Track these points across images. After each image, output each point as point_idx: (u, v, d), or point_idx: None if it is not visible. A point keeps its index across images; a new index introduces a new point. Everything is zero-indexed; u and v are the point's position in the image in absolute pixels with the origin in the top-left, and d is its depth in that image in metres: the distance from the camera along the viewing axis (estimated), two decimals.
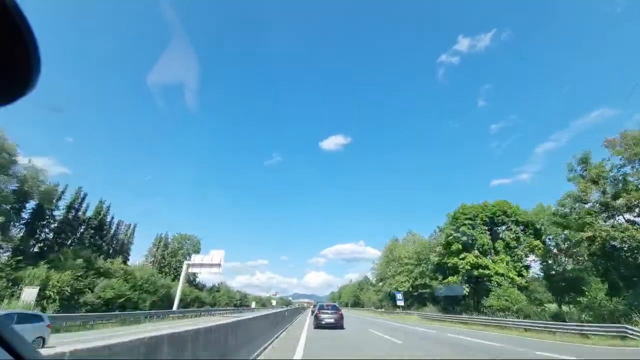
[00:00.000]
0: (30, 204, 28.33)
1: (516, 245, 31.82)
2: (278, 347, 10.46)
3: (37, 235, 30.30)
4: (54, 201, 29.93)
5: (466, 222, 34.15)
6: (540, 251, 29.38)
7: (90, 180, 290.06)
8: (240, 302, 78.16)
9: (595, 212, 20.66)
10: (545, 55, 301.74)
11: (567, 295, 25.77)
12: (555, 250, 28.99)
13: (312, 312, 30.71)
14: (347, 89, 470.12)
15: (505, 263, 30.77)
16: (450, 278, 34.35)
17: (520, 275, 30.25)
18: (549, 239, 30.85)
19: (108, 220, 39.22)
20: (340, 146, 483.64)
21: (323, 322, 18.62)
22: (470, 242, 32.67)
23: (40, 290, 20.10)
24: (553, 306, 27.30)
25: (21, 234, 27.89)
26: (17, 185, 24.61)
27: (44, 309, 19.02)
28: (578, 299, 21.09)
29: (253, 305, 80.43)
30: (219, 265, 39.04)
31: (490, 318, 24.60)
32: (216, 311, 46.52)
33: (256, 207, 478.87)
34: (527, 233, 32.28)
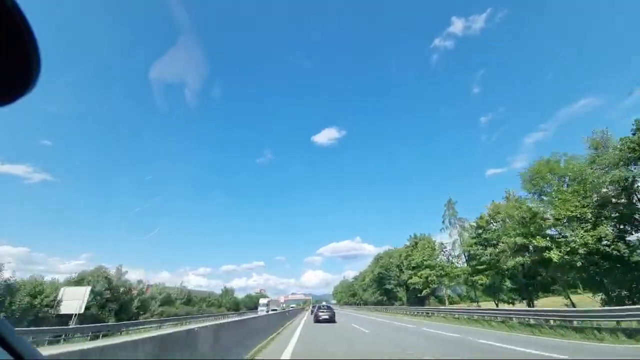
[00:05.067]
0: None
1: None
2: None
3: None
4: None
5: None
6: None
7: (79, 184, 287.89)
8: None
9: None
10: (532, 42, 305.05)
11: None
12: None
13: (312, 311, 36.58)
14: (339, 81, 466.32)
15: None
16: None
17: None
18: None
19: None
20: (334, 140, 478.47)
21: (320, 318, 25.03)
22: None
23: None
24: None
25: None
26: None
27: None
28: None
29: None
30: None
31: None
32: None
33: (250, 207, 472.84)
34: None
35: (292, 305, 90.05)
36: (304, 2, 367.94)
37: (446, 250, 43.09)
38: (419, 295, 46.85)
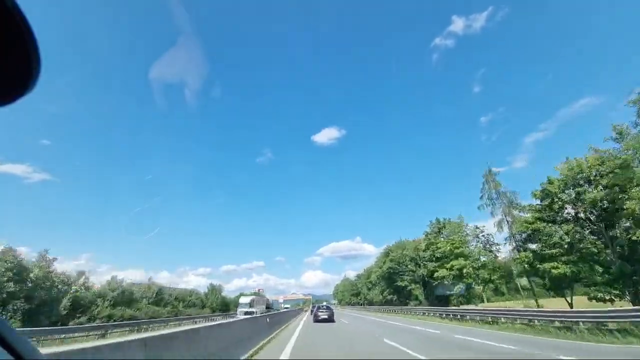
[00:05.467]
0: None
1: None
2: None
3: None
4: None
5: None
6: None
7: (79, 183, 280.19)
8: None
9: None
10: (532, 41, 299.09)
11: None
12: None
13: (311, 311, 36.04)
14: (339, 80, 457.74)
15: None
16: None
17: None
18: None
19: None
20: (334, 139, 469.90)
21: (319, 317, 26.39)
22: None
23: None
24: None
25: None
26: None
27: None
28: None
29: None
30: None
31: None
32: None
33: (250, 207, 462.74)
34: None
35: (285, 306, 77.03)
36: (303, 2, 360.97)
37: (483, 235, 33.79)
38: (447, 292, 37.50)
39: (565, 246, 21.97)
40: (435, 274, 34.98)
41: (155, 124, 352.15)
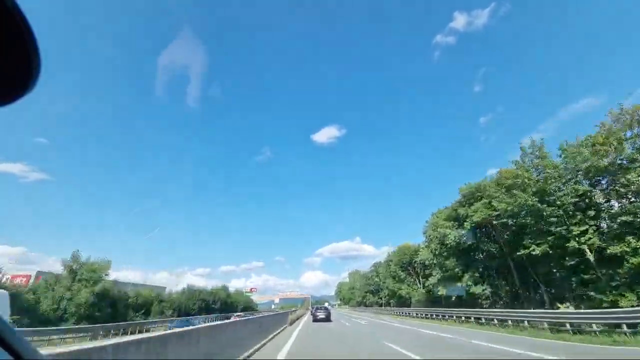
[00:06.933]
0: None
1: None
2: None
3: None
4: None
5: None
6: None
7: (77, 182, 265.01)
8: None
9: None
10: (532, 41, 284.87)
11: None
12: None
13: (311, 312, 37.62)
14: (340, 79, 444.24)
15: None
16: None
17: None
18: None
19: None
20: (334, 139, 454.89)
21: (318, 317, 29.46)
22: None
23: None
24: None
25: None
26: None
27: None
28: None
29: None
30: None
31: None
32: None
33: (250, 207, 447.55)
34: None
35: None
36: (303, 1, 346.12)
37: None
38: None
39: None
40: None
41: (154, 124, 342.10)
